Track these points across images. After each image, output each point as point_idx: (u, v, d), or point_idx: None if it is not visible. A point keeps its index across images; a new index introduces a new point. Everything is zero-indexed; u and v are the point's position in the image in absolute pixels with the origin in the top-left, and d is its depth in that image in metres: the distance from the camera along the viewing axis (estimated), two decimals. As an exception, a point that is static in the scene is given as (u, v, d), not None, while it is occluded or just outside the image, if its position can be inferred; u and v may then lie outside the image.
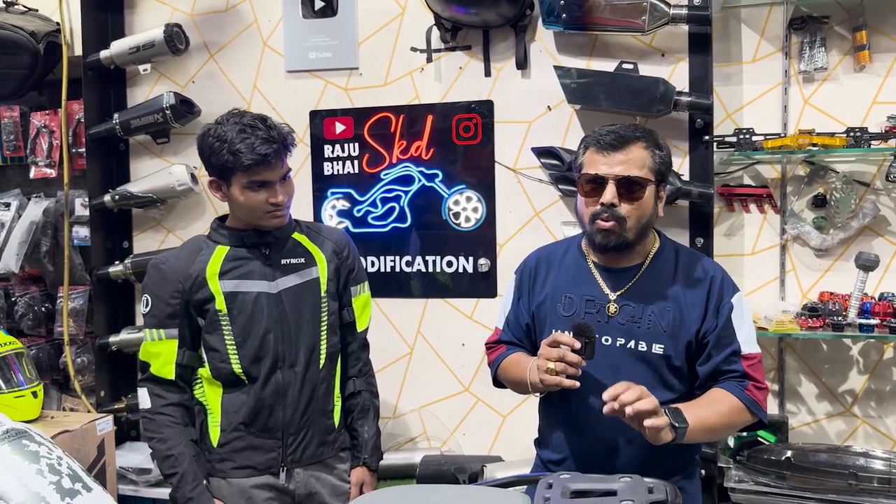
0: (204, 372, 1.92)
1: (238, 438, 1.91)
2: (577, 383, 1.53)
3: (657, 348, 1.64)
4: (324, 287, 1.97)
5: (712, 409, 1.58)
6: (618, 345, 1.65)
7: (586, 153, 1.67)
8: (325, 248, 2.00)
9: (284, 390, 1.90)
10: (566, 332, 1.58)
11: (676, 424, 1.49)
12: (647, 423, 1.44)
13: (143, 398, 1.90)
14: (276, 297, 1.91)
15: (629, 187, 1.61)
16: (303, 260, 1.96)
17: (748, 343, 1.65)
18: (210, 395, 1.93)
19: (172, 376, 1.88)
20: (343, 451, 2.03)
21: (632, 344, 1.64)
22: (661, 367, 1.64)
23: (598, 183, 1.62)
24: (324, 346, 1.96)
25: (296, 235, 1.99)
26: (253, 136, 1.79)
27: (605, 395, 1.46)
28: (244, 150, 1.78)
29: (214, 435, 1.92)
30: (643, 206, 1.63)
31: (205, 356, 1.91)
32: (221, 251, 1.91)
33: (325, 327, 1.96)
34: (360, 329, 2.07)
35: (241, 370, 1.88)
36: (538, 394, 1.69)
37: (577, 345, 1.53)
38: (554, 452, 1.75)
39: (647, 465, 1.62)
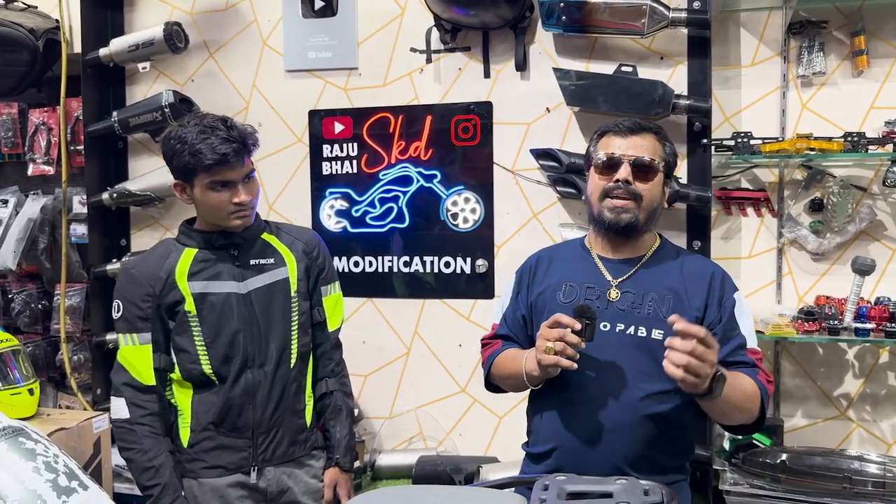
0: (174, 374, 1.91)
1: (208, 438, 1.90)
2: (575, 364, 1.53)
3: (657, 334, 1.64)
4: (294, 287, 1.97)
5: (737, 381, 1.57)
6: (617, 330, 1.66)
7: (602, 139, 1.74)
8: (294, 248, 2.00)
9: (254, 390, 1.90)
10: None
11: (718, 373, 1.48)
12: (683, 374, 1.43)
13: (121, 408, 1.87)
14: (245, 298, 1.90)
15: (643, 168, 1.68)
16: (272, 260, 1.96)
17: (750, 339, 1.68)
18: (180, 396, 1.92)
19: (153, 381, 1.87)
20: (316, 449, 2.04)
21: (631, 329, 1.65)
22: (659, 353, 1.60)
23: (613, 163, 1.68)
24: (295, 346, 1.96)
25: (265, 236, 1.99)
26: (213, 137, 1.79)
27: (679, 326, 1.44)
28: (204, 150, 1.78)
29: (185, 435, 1.91)
30: (654, 190, 1.69)
31: (174, 358, 1.90)
32: (190, 253, 1.91)
33: (296, 327, 1.96)
34: (331, 329, 2.06)
35: (211, 370, 1.88)
36: (532, 385, 1.68)
37: (578, 326, 1.53)
38: (543, 444, 1.73)
39: (638, 459, 1.63)
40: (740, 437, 2.40)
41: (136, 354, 1.88)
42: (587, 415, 1.66)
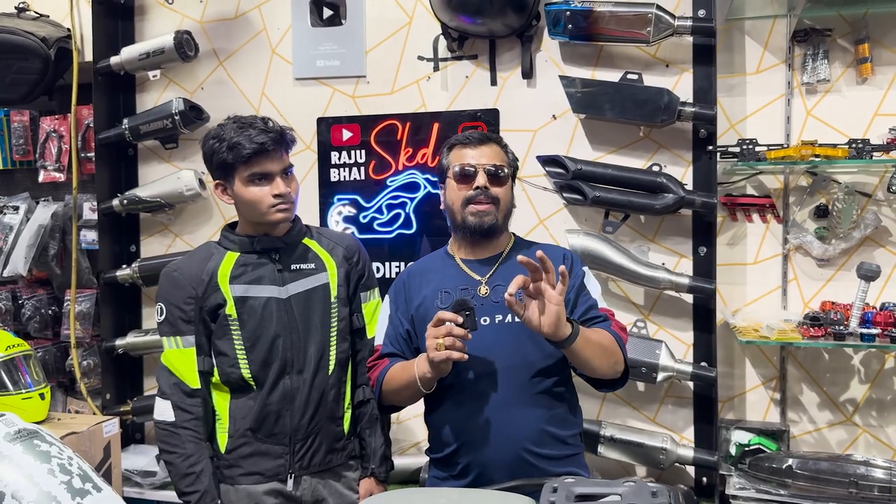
0: (213, 378, 1.91)
1: (245, 444, 1.90)
2: (466, 356, 1.61)
3: None
4: (334, 293, 1.96)
5: (593, 331, 1.75)
6: (496, 322, 1.78)
7: (452, 152, 1.89)
8: (335, 254, 2.00)
9: (292, 396, 1.89)
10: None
11: (572, 319, 1.66)
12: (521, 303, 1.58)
13: (166, 410, 1.87)
14: (285, 303, 1.90)
15: (496, 175, 1.84)
16: (313, 265, 1.96)
17: (600, 301, 1.87)
18: (218, 400, 1.92)
19: (198, 384, 1.87)
20: (352, 458, 2.02)
21: (509, 318, 1.77)
22: (537, 334, 1.74)
23: (469, 173, 1.83)
24: (333, 352, 1.95)
25: (306, 241, 1.99)
26: (251, 129, 1.84)
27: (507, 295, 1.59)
28: (242, 142, 1.82)
29: (222, 441, 1.91)
30: (508, 193, 1.87)
31: (214, 361, 1.90)
32: (232, 257, 1.91)
33: (335, 333, 1.95)
34: (370, 335, 2.03)
35: (249, 375, 1.88)
36: (427, 390, 1.74)
37: (460, 319, 1.62)
38: (447, 446, 1.80)
39: (539, 436, 1.74)
40: (746, 443, 2.43)
41: (181, 357, 1.88)
42: (484, 406, 1.75)
